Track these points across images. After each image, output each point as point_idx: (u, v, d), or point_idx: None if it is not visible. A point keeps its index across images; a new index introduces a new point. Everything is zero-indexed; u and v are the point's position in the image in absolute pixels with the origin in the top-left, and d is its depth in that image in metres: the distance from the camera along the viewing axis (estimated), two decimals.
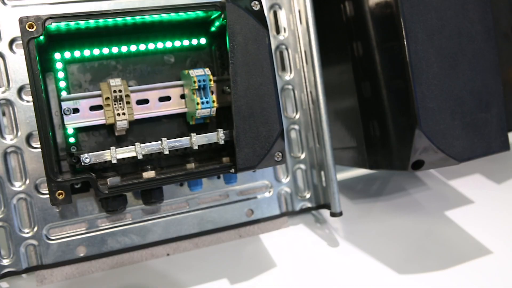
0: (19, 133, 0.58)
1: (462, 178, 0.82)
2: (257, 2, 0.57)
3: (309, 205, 0.71)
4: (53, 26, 0.52)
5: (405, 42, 0.55)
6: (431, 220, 0.71)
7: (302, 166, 0.71)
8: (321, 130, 0.66)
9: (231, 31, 0.55)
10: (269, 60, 0.57)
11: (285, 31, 0.69)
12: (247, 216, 0.68)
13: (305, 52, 0.69)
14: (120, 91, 0.56)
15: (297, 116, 0.70)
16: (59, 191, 0.52)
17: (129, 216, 0.63)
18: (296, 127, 0.70)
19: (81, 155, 0.54)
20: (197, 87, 0.58)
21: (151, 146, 0.56)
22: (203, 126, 0.64)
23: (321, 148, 0.68)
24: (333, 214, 0.66)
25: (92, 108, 0.58)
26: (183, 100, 0.62)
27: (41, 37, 0.52)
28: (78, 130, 0.59)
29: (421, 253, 0.64)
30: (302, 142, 0.71)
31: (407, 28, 0.56)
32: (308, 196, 0.71)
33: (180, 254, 0.65)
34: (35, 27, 0.51)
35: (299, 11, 0.68)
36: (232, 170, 0.57)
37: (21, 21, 0.51)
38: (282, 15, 0.69)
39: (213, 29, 0.62)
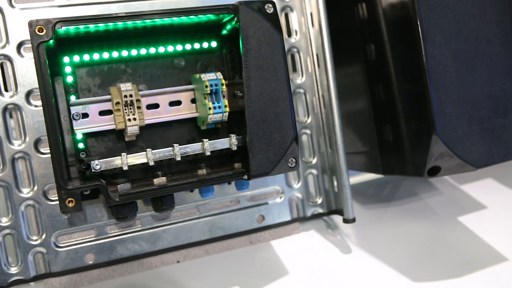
0: (27, 138, 0.57)
1: (475, 182, 0.81)
2: (270, 5, 0.56)
3: (320, 210, 0.70)
4: (62, 29, 0.51)
5: (422, 46, 0.54)
6: (444, 226, 0.70)
7: (314, 171, 0.70)
8: (333, 135, 0.65)
9: (245, 34, 0.54)
10: (283, 64, 0.56)
11: (296, 34, 0.68)
12: (258, 222, 0.67)
13: (317, 55, 0.68)
14: (131, 95, 0.55)
15: (309, 120, 0.69)
16: (69, 198, 0.51)
17: (139, 222, 0.62)
18: (308, 131, 0.69)
19: (92, 162, 0.52)
20: (209, 92, 0.57)
21: (163, 152, 0.55)
22: (214, 131, 0.62)
23: (333, 153, 0.67)
24: (346, 221, 0.65)
25: (102, 113, 0.57)
26: (193, 104, 0.61)
27: (51, 41, 0.51)
28: (87, 135, 0.58)
29: (434, 260, 0.63)
30: (313, 147, 0.69)
31: (424, 31, 0.55)
32: (319, 201, 0.70)
33: (190, 261, 0.64)
34: (44, 31, 0.50)
35: (311, 14, 0.67)
36: (245, 177, 0.55)
37: (31, 24, 0.49)
38: (293, 17, 0.68)
39: (224, 32, 0.61)
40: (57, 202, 0.58)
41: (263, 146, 0.55)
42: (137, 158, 0.54)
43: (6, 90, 0.57)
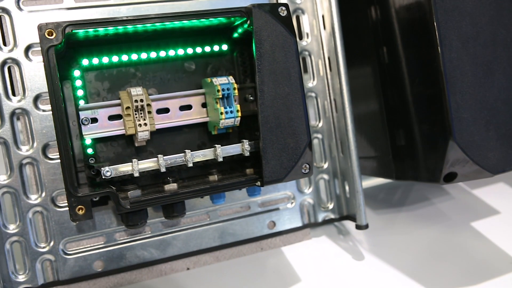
0: (35, 144, 0.56)
1: (486, 187, 0.80)
2: (284, 8, 0.55)
3: (332, 216, 0.69)
4: (71, 32, 0.50)
5: (440, 50, 0.53)
6: (457, 232, 0.69)
7: (325, 176, 0.68)
8: (346, 140, 0.63)
9: (258, 38, 0.53)
10: (297, 68, 0.54)
11: (308, 37, 0.67)
12: (269, 228, 0.66)
13: (328, 58, 0.67)
14: (141, 100, 0.54)
15: (320, 125, 0.68)
16: (79, 206, 0.49)
17: (148, 229, 0.61)
18: (319, 136, 0.68)
19: (102, 168, 0.51)
20: (220, 96, 0.56)
21: (174, 159, 0.53)
22: (225, 136, 0.61)
23: (345, 157, 0.66)
24: (359, 227, 0.64)
25: (111, 118, 0.56)
26: (204, 109, 0.60)
27: (60, 45, 0.49)
28: (96, 140, 0.57)
29: (448, 267, 0.62)
30: (325, 151, 0.68)
31: (441, 35, 0.53)
32: (331, 207, 0.69)
33: (200, 268, 0.63)
34: (54, 34, 0.49)
35: (323, 16, 0.66)
36: (258, 183, 0.54)
37: (40, 28, 0.48)
38: (305, 20, 0.67)
39: (235, 35, 0.60)
40: (66, 208, 0.57)
41: (277, 152, 0.54)
42: (148, 165, 0.53)
43: (13, 94, 0.55)
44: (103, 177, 0.51)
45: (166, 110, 0.58)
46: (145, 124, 0.54)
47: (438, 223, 0.71)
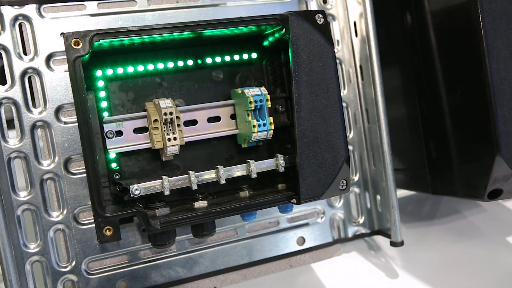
0: (56, 158, 0.53)
1: None
2: (321, 15, 0.52)
3: (363, 231, 0.66)
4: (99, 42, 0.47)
5: (487, 60, 0.50)
6: (492, 247, 0.66)
7: (356, 189, 0.66)
8: (380, 152, 0.60)
9: (295, 47, 0.50)
10: (335, 79, 0.52)
11: (338, 44, 0.64)
12: (298, 245, 0.63)
13: (360, 66, 0.64)
14: (171, 113, 0.51)
15: (351, 135, 0.65)
16: (107, 226, 0.47)
17: (174, 247, 0.58)
18: (350, 147, 0.65)
19: (130, 186, 0.48)
20: (253, 108, 0.53)
21: (206, 175, 0.51)
22: (254, 148, 0.58)
23: (378, 170, 0.63)
24: (393, 244, 0.61)
25: (137, 130, 0.53)
26: (233, 120, 0.57)
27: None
28: (120, 154, 0.54)
29: (486, 285, 0.59)
30: (355, 163, 0.65)
31: (488, 44, 0.50)
32: (361, 221, 0.66)
33: (227, 286, 0.60)
34: (81, 44, 0.46)
35: (355, 23, 0.63)
36: (294, 201, 0.51)
37: (67, 37, 0.45)
38: (335, 27, 0.64)
39: (265, 43, 0.57)
40: (89, 226, 0.54)
41: (314, 168, 0.51)
42: (179, 182, 0.50)
43: (34, 106, 0.52)
44: (132, 195, 0.48)
45: (193, 122, 0.56)
46: (175, 138, 0.51)
47: (473, 238, 0.68)
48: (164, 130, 0.51)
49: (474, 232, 0.70)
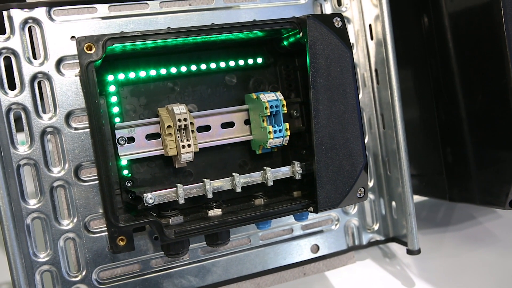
0: (67, 165, 0.51)
1: None
2: (339, 19, 0.50)
3: (377, 238, 0.64)
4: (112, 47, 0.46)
5: (510, 66, 0.49)
6: (510, 254, 0.64)
7: (371, 195, 0.64)
8: (397, 158, 0.59)
9: (313, 51, 0.49)
10: (353, 84, 0.50)
11: (353, 48, 0.63)
12: (312, 252, 0.62)
13: (376, 70, 0.62)
14: (185, 119, 0.49)
15: (365, 140, 0.64)
16: (121, 237, 0.45)
17: (187, 255, 0.56)
18: None
19: (144, 195, 0.47)
20: (269, 114, 0.52)
21: (222, 182, 0.49)
22: (268, 155, 0.57)
23: (394, 176, 0.62)
24: (410, 252, 0.60)
25: (149, 137, 0.52)
26: (247, 126, 0.55)
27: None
28: (132, 161, 0.53)
29: None
30: (370, 169, 0.64)
31: None
32: (376, 228, 0.65)
33: None
34: (94, 49, 0.44)
35: (370, 26, 0.62)
36: (311, 209, 0.50)
37: (79, 42, 0.44)
38: (350, 30, 0.62)
39: (280, 47, 0.56)
40: (99, 234, 0.52)
41: (332, 175, 0.50)
42: (194, 190, 0.48)
43: (44, 111, 0.51)
44: (145, 204, 0.47)
45: (207, 128, 0.54)
46: (189, 145, 0.50)
47: (489, 245, 0.66)
48: (178, 137, 0.50)
49: (490, 239, 0.68)
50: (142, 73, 0.53)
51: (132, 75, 0.52)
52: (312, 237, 0.62)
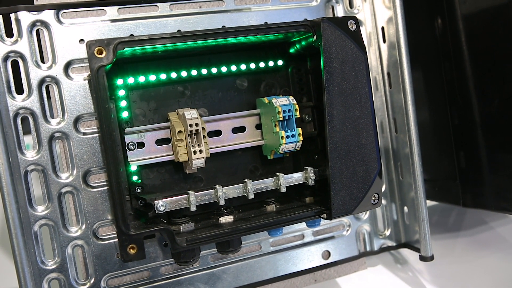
0: (75, 171, 0.50)
1: None
2: (353, 22, 0.49)
3: (389, 244, 0.63)
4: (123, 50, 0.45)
5: None
6: None
7: (383, 201, 0.63)
8: (410, 163, 0.58)
9: (327, 55, 0.48)
10: (367, 88, 0.49)
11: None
12: (324, 259, 0.61)
13: (388, 73, 0.61)
14: (196, 124, 0.48)
15: None
16: (131, 245, 0.44)
17: (197, 263, 0.55)
18: None
19: (155, 202, 0.46)
20: (281, 119, 0.51)
21: (234, 189, 0.48)
22: (279, 160, 0.56)
23: (406, 181, 0.61)
24: (423, 258, 0.59)
25: (159, 142, 0.51)
26: (258, 130, 0.54)
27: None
28: (142, 166, 0.52)
29: None
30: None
31: None
32: (387, 233, 0.64)
33: None
34: (104, 53, 0.43)
35: (382, 28, 0.61)
36: (325, 216, 0.49)
37: (89, 46, 0.43)
38: (362, 32, 0.61)
39: (292, 50, 0.55)
40: (108, 241, 0.51)
41: (346, 182, 0.49)
42: (206, 197, 0.47)
43: (52, 116, 0.50)
44: (156, 211, 0.46)
45: (217, 133, 0.53)
46: (200, 151, 0.49)
47: (502, 250, 0.65)
48: (189, 142, 0.49)
49: (503, 244, 0.67)
50: (152, 77, 0.52)
51: (142, 79, 0.51)
52: (323, 243, 0.61)
